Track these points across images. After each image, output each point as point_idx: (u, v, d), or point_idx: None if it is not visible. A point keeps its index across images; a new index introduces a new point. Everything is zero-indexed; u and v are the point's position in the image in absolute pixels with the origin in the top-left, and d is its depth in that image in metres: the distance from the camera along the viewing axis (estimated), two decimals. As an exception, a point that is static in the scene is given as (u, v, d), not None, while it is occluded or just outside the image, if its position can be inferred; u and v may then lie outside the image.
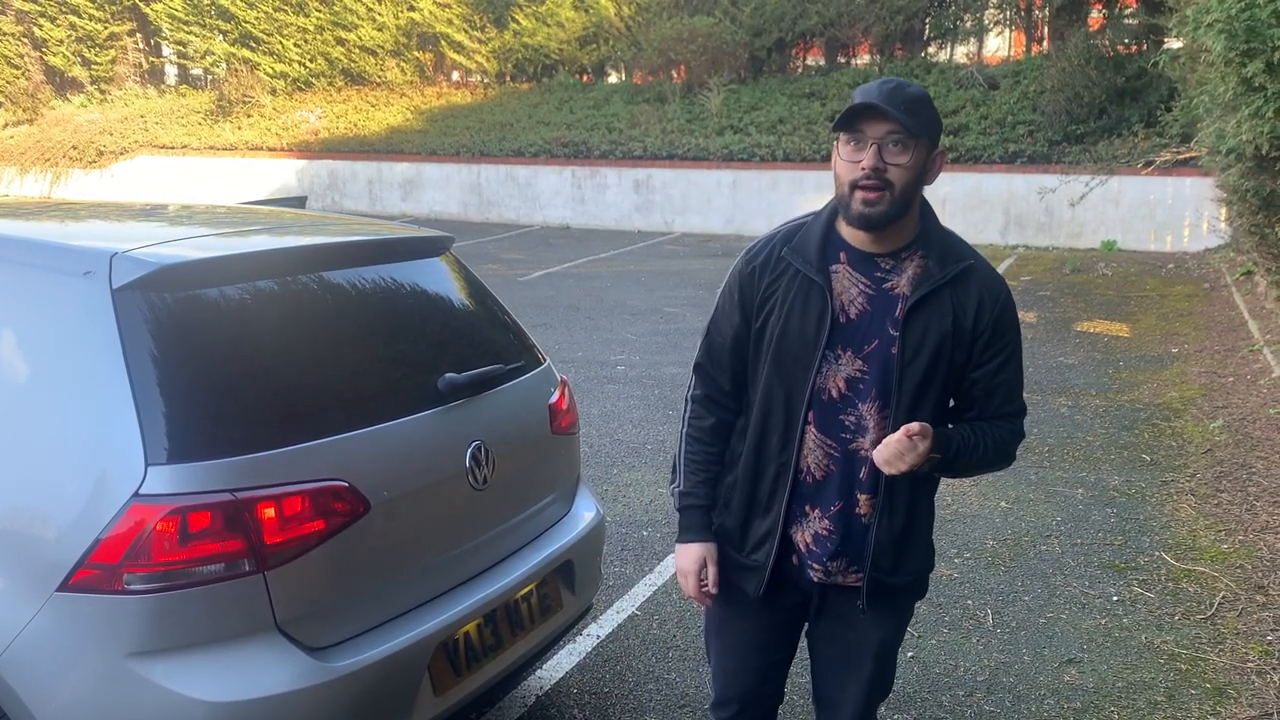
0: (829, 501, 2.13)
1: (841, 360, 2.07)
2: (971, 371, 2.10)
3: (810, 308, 2.07)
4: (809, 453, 2.13)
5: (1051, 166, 14.21)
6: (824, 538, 2.14)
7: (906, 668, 3.68)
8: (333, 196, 19.74)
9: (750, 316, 2.16)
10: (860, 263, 2.08)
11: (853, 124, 1.97)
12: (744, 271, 2.17)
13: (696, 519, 2.26)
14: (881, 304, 2.06)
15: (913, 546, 2.20)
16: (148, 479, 2.13)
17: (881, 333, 2.05)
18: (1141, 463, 5.76)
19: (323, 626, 2.32)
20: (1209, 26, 5.94)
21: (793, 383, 2.11)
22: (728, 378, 2.22)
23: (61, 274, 2.35)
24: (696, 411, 2.28)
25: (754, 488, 2.20)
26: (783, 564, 2.20)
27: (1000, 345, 2.09)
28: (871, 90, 1.97)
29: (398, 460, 2.51)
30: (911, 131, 1.95)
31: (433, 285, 3.05)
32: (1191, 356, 8.13)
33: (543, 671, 3.62)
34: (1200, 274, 11.99)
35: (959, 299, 2.06)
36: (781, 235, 2.17)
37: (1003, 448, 2.15)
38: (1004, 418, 2.14)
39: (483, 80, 21.33)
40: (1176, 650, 3.78)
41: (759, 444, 2.17)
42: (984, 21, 17.92)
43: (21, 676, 2.16)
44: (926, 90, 2.02)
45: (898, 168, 1.96)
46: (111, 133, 22.23)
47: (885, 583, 2.17)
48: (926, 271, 2.05)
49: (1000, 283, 2.12)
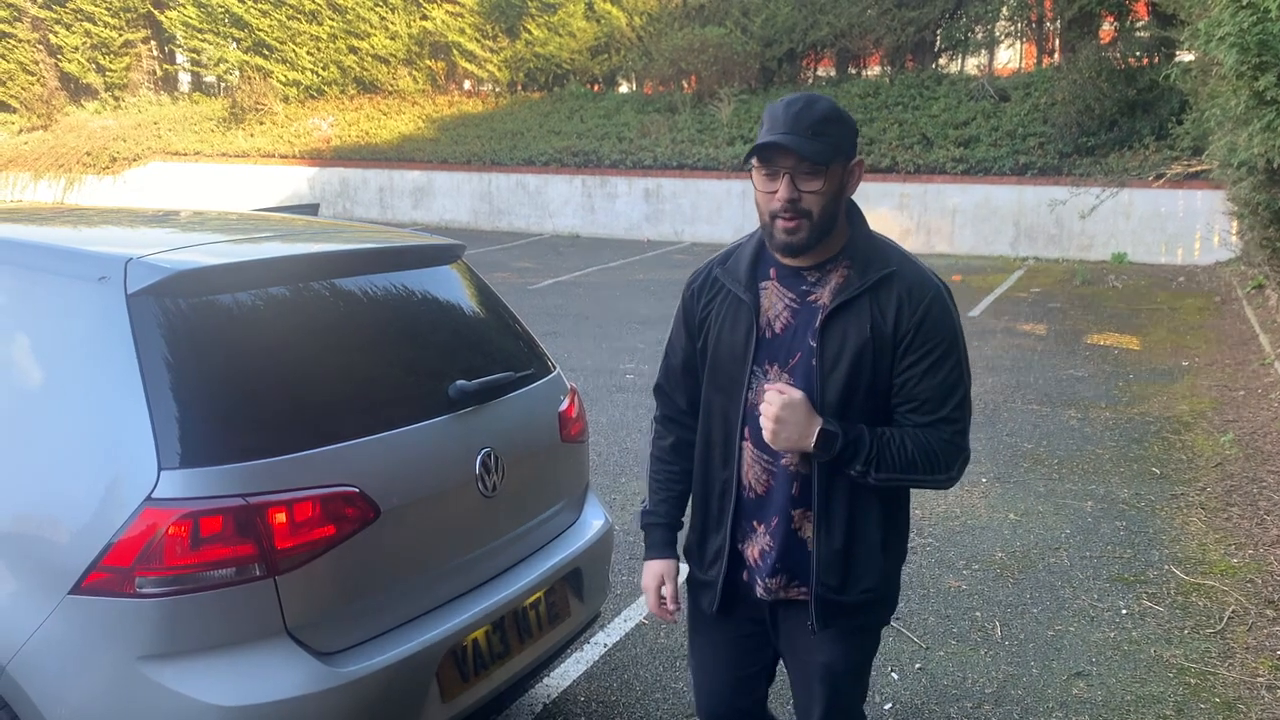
0: (769, 517, 2.13)
1: (769, 375, 2.08)
2: (897, 377, 2.06)
3: (738, 325, 2.11)
4: (748, 468, 2.14)
5: (1062, 178, 14.20)
6: (766, 553, 2.15)
7: (914, 679, 3.68)
8: (344, 204, 19.81)
9: (694, 337, 2.22)
10: (788, 278, 2.10)
11: (765, 155, 1.97)
12: (686, 294, 2.24)
13: (657, 537, 2.32)
14: (804, 317, 2.06)
15: (860, 563, 2.13)
16: (160, 483, 2.15)
17: (803, 345, 2.06)
18: (1151, 476, 5.74)
19: (332, 631, 2.33)
20: (1221, 40, 5.94)
21: (728, 400, 2.14)
22: (684, 397, 2.28)
23: (77, 279, 2.37)
24: (658, 431, 2.36)
25: (706, 504, 2.24)
26: (735, 580, 2.21)
27: (925, 350, 2.04)
28: (779, 117, 1.96)
29: (408, 466, 2.52)
30: (821, 161, 1.94)
31: (444, 293, 3.07)
32: (1202, 370, 8.11)
33: (550, 679, 3.62)
34: (1211, 287, 11.96)
35: (879, 305, 2.03)
36: (720, 256, 2.22)
37: (931, 458, 2.05)
38: (933, 426, 2.06)
39: (494, 89, 21.40)
40: (1186, 664, 3.76)
41: (705, 461, 2.22)
42: (995, 33, 17.91)
43: (34, 679, 2.17)
44: (834, 102, 1.99)
45: (813, 194, 1.96)
46: (125, 139, 22.36)
47: (835, 600, 2.13)
48: (847, 280, 2.05)
49: (927, 285, 2.07)
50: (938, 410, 2.05)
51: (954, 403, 2.06)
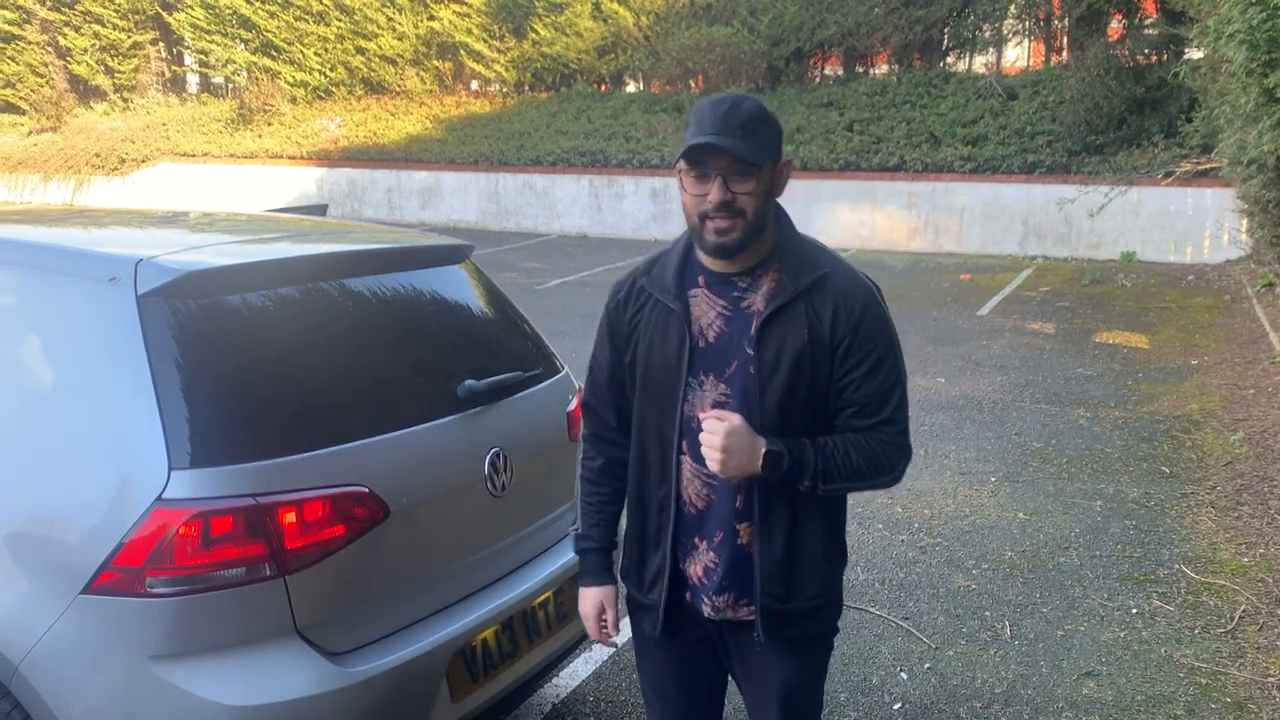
0: (712, 532, 2.06)
1: (705, 386, 2.02)
2: (836, 382, 2.01)
3: (670, 336, 2.04)
4: (688, 483, 2.07)
5: (1070, 177, 14.16)
6: (711, 570, 2.07)
7: (924, 678, 3.67)
8: (352, 205, 19.85)
9: (621, 350, 2.14)
10: (717, 285, 2.03)
11: (695, 157, 1.92)
12: (610, 306, 2.16)
13: (593, 562, 2.24)
14: (739, 324, 2.00)
15: (804, 570, 2.07)
16: (171, 483, 2.16)
17: (739, 353, 1.99)
18: (1161, 475, 5.73)
19: (342, 631, 2.34)
20: (1230, 37, 5.92)
21: (663, 413, 2.06)
22: (612, 413, 2.20)
23: (87, 280, 2.38)
24: (587, 452, 2.26)
25: (642, 523, 2.15)
26: (678, 600, 2.13)
27: (863, 353, 1.99)
28: (706, 118, 1.91)
29: (417, 466, 2.52)
30: (752, 160, 1.91)
31: (452, 293, 3.07)
32: (1212, 368, 8.08)
33: (559, 679, 3.63)
34: (1221, 285, 11.92)
35: (814, 309, 1.98)
36: (643, 266, 2.14)
37: (876, 461, 2.01)
38: (874, 428, 2.02)
39: (501, 89, 21.42)
40: (1196, 664, 3.75)
41: (640, 478, 2.14)
42: (1003, 32, 17.85)
43: (45, 678, 2.18)
44: (762, 104, 1.95)
45: (746, 195, 1.92)
46: (133, 140, 22.44)
47: (780, 610, 2.06)
48: (780, 285, 1.99)
49: (860, 288, 2.03)
50: (878, 413, 2.02)
51: (893, 404, 2.04)
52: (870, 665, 3.78)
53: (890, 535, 4.94)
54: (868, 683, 3.66)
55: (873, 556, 4.70)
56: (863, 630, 4.02)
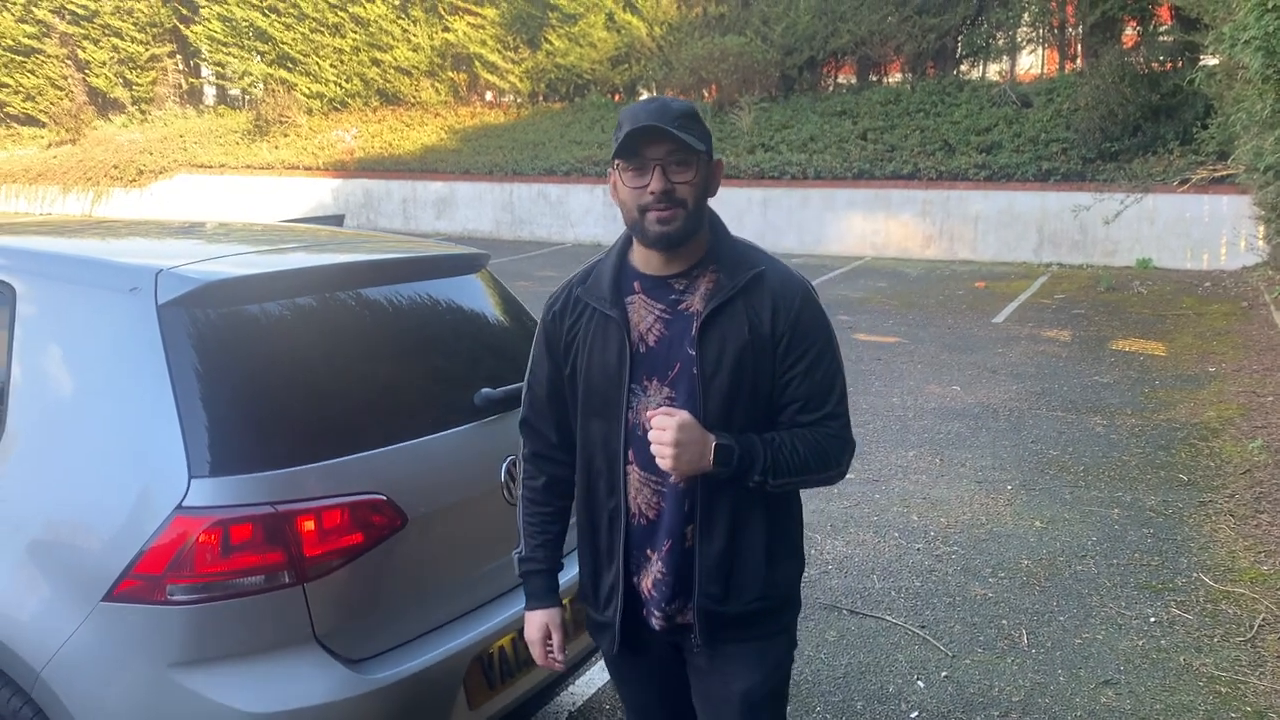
0: (661, 542, 2.02)
1: (650, 391, 2.00)
2: (779, 378, 2.00)
3: (609, 343, 2.01)
4: (636, 493, 2.03)
5: (1085, 184, 14.11)
6: (660, 581, 2.03)
7: (940, 687, 3.66)
8: (367, 215, 19.94)
9: (560, 362, 2.10)
10: (654, 289, 2.02)
11: (632, 149, 1.92)
12: (546, 318, 2.13)
13: (538, 585, 2.19)
14: (678, 326, 1.99)
15: (744, 569, 2.02)
16: (191, 491, 2.18)
17: (681, 355, 1.98)
18: (1179, 482, 5.69)
19: (360, 638, 2.35)
20: (1246, 44, 5.90)
21: (607, 424, 2.03)
22: (553, 429, 2.15)
23: (108, 290, 2.41)
24: (528, 471, 2.20)
25: (594, 539, 2.10)
26: (635, 616, 2.08)
27: (804, 348, 2.00)
28: (639, 114, 1.92)
29: (434, 474, 2.54)
30: (691, 146, 1.91)
31: (469, 302, 3.09)
32: (1229, 376, 8.03)
33: (575, 687, 3.63)
34: (1238, 292, 11.85)
35: (753, 307, 1.98)
36: (578, 276, 2.12)
37: (822, 455, 2.01)
38: (818, 423, 2.02)
39: (516, 100, 21.51)
40: (1216, 673, 3.73)
41: (588, 492, 2.10)
42: (1017, 39, 17.84)
43: (66, 685, 2.20)
44: (692, 104, 1.98)
45: (685, 185, 1.93)
46: (151, 152, 22.62)
47: (717, 612, 2.01)
48: (718, 285, 1.99)
49: (796, 285, 2.03)
50: (822, 407, 2.02)
51: (835, 397, 2.04)
52: (887, 674, 3.77)
53: (906, 544, 4.92)
54: (884, 691, 3.65)
55: (889, 565, 4.69)
56: (879, 639, 4.01)
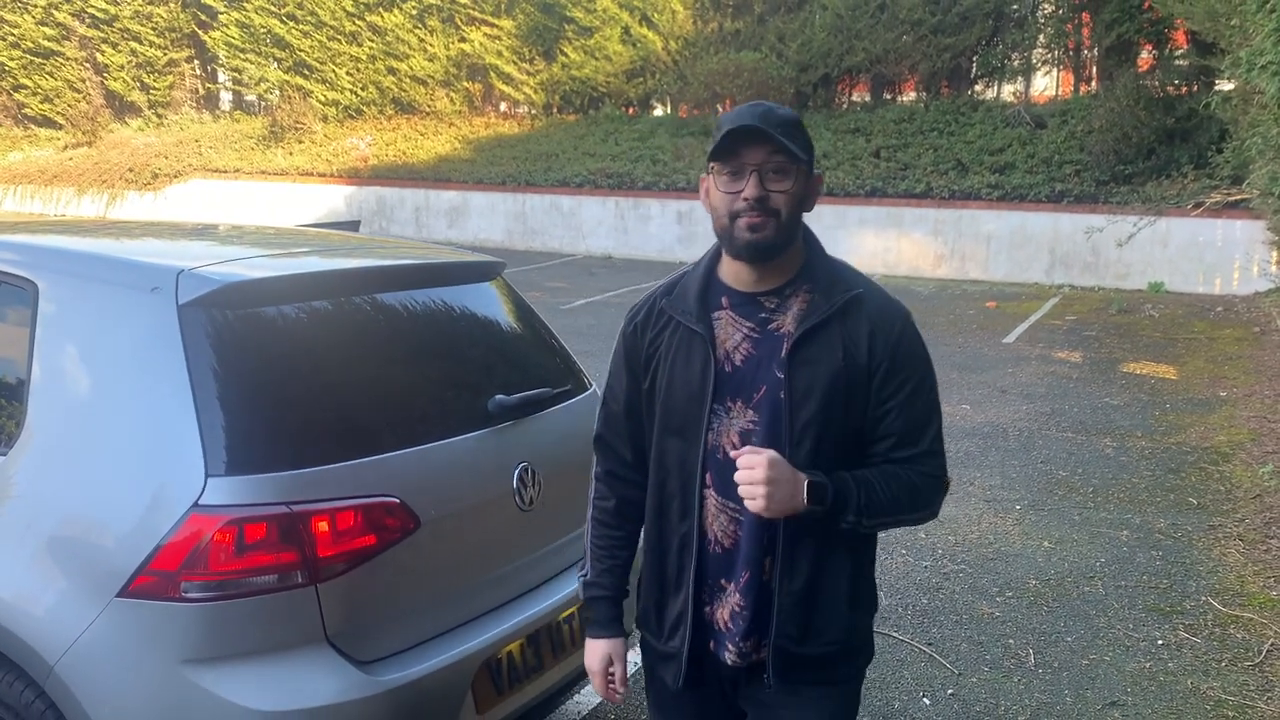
0: (739, 573, 1.90)
1: (733, 413, 1.88)
2: (873, 410, 1.88)
3: (693, 360, 1.90)
4: (712, 519, 1.91)
5: (1099, 206, 14.11)
6: (738, 613, 1.91)
7: (946, 704, 3.65)
8: (380, 223, 20.01)
9: (639, 376, 1.99)
10: (743, 305, 1.90)
11: (731, 150, 1.80)
12: (626, 330, 2.03)
13: (602, 612, 2.08)
14: (767, 347, 1.87)
15: (825, 609, 1.91)
16: (207, 490, 2.19)
17: (769, 377, 1.86)
18: (1188, 506, 5.68)
19: (371, 640, 2.36)
20: (1263, 69, 5.90)
21: (685, 444, 1.91)
22: (628, 448, 2.04)
23: (128, 289, 2.43)
24: (599, 491, 2.09)
25: (661, 564, 1.99)
26: (701, 648, 1.96)
27: (901, 380, 1.87)
28: (743, 114, 1.80)
29: (447, 479, 2.55)
30: (793, 155, 1.79)
31: (483, 309, 3.11)
32: (1240, 400, 8.01)
33: (581, 696, 3.63)
34: (1250, 317, 11.82)
35: (849, 332, 1.86)
36: (662, 287, 2.01)
37: (914, 494, 1.89)
38: (912, 460, 1.89)
39: (530, 111, 21.59)
40: (1223, 697, 3.71)
41: (659, 515, 1.98)
42: (1032, 60, 17.86)
43: (80, 679, 2.21)
44: (796, 113, 1.86)
45: (781, 194, 1.81)
46: (166, 156, 22.75)
47: (794, 653, 1.90)
48: (812, 305, 1.86)
49: (896, 310, 1.91)
50: (918, 444, 1.90)
51: (931, 434, 1.92)
52: (892, 690, 3.76)
53: (914, 561, 4.92)
54: (890, 708, 3.64)
55: (896, 582, 4.68)
56: (885, 655, 4.01)
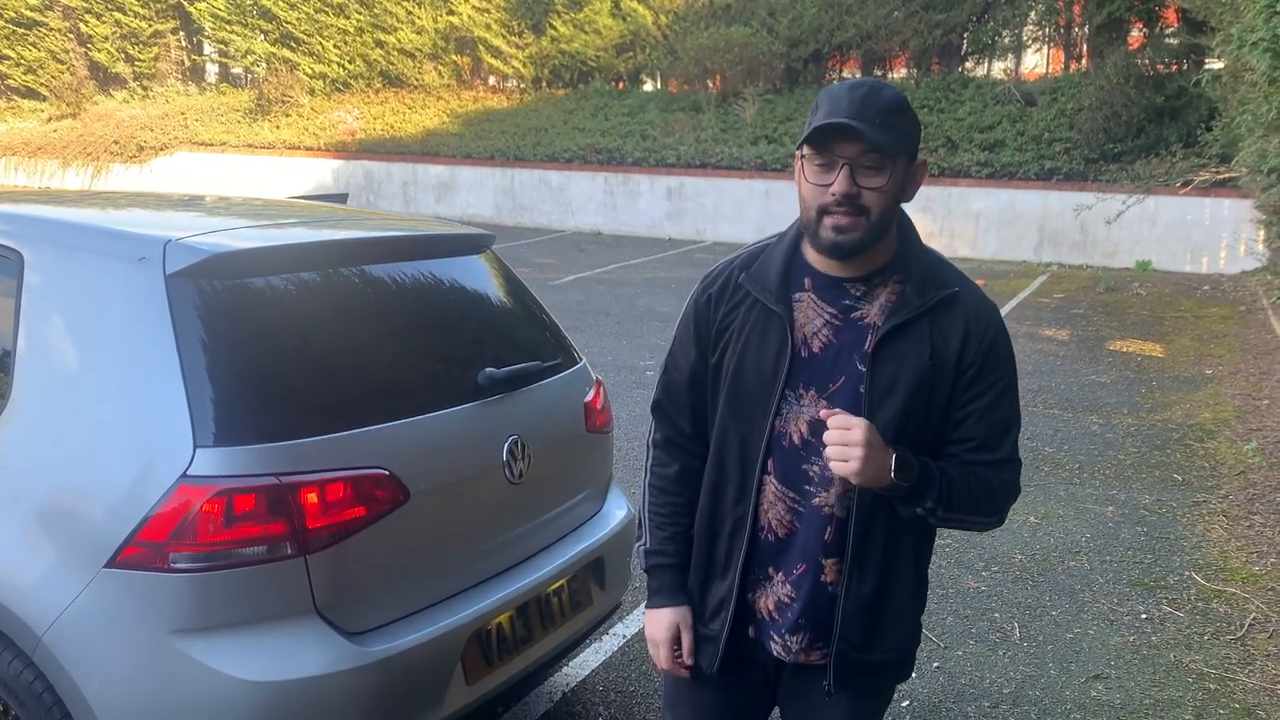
0: (792, 563, 1.85)
1: (804, 400, 1.80)
2: (955, 412, 1.82)
3: (768, 341, 1.82)
4: (769, 506, 1.85)
5: (1088, 184, 14.13)
6: (786, 605, 1.86)
7: (932, 677, 3.68)
8: (368, 197, 19.91)
9: (707, 350, 1.91)
10: (827, 290, 1.81)
11: (822, 143, 1.71)
12: (699, 300, 1.93)
13: (667, 579, 1.99)
14: (849, 336, 1.79)
15: (890, 619, 1.88)
16: (195, 460, 2.18)
17: (849, 369, 1.78)
18: (1173, 482, 5.72)
19: (360, 611, 2.36)
20: (1254, 46, 5.91)
21: (749, 426, 1.84)
22: (688, 419, 1.97)
23: (115, 259, 2.41)
24: (658, 458, 2.02)
25: (710, 546, 1.94)
26: (740, 634, 1.92)
27: (989, 382, 1.81)
28: (841, 101, 1.70)
29: (437, 451, 2.54)
30: (888, 152, 1.69)
31: (473, 282, 3.10)
32: (1226, 378, 8.06)
33: (569, 668, 3.65)
34: (1236, 296, 11.88)
35: (940, 330, 1.78)
36: (741, 260, 1.92)
37: (992, 497, 1.84)
38: (992, 465, 1.84)
39: (519, 85, 21.46)
40: (1205, 669, 3.76)
41: (714, 495, 1.92)
42: (1022, 38, 17.83)
43: (68, 650, 2.21)
44: (903, 94, 1.74)
45: (873, 191, 1.70)
46: (152, 129, 22.55)
47: (855, 660, 1.86)
48: (902, 299, 1.78)
49: (991, 311, 1.85)
50: (998, 449, 1.84)
51: (1012, 440, 1.87)
52: (879, 663, 3.79)
53: (901, 535, 4.94)
54: (876, 680, 3.67)
55: (883, 556, 4.70)
56: (872, 628, 4.03)
